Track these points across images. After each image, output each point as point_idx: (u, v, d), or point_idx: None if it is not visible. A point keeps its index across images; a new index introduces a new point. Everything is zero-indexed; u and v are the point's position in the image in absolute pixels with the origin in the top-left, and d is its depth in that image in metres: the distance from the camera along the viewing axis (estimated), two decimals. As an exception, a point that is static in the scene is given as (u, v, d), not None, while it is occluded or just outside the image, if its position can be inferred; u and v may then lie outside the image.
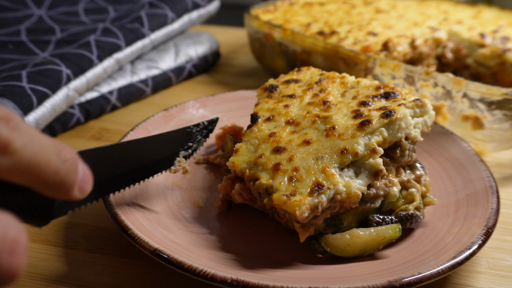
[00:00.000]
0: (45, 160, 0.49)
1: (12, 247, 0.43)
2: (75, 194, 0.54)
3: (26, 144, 0.47)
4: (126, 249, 0.81)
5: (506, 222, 0.91)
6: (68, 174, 0.52)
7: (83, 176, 0.55)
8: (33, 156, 0.48)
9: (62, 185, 0.52)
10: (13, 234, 0.43)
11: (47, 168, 0.50)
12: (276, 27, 1.30)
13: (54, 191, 0.52)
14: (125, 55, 1.28)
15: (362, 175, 0.76)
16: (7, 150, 0.46)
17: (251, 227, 0.82)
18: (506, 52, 1.26)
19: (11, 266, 0.43)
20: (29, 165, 0.48)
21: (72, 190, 0.54)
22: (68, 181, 0.53)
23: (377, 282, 0.65)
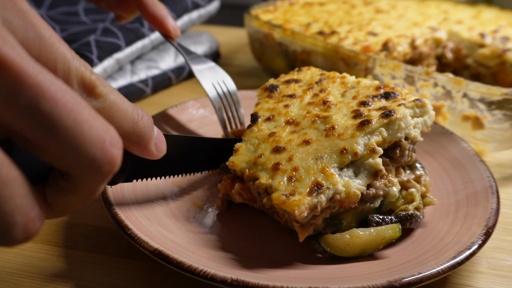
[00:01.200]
0: (125, 110, 0.55)
1: (113, 140, 0.49)
2: (152, 149, 0.61)
3: (108, 92, 0.53)
4: (126, 249, 0.81)
5: (506, 222, 0.91)
6: (144, 128, 0.58)
7: (158, 136, 0.63)
8: (114, 103, 0.54)
9: (140, 137, 0.58)
10: (114, 132, 0.50)
11: (126, 117, 0.56)
12: (276, 27, 1.30)
13: (133, 143, 0.58)
14: (125, 55, 1.28)
15: (361, 175, 0.76)
16: (93, 92, 0.52)
17: (251, 227, 0.82)
18: (506, 52, 1.26)
19: (112, 154, 0.49)
20: (112, 111, 0.54)
21: (149, 144, 0.60)
22: (146, 134, 0.59)
23: (377, 282, 0.65)
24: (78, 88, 0.51)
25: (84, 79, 0.51)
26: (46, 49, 0.49)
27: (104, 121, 0.50)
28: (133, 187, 0.86)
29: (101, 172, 0.49)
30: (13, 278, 0.75)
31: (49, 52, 0.49)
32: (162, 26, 1.01)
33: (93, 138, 0.48)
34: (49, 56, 0.49)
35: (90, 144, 0.48)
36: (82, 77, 0.51)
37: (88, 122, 0.47)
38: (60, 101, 0.46)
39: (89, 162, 0.48)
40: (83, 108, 0.48)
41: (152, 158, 0.63)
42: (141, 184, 0.88)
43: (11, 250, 0.81)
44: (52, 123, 0.46)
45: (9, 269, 0.77)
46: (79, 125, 0.47)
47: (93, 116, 0.48)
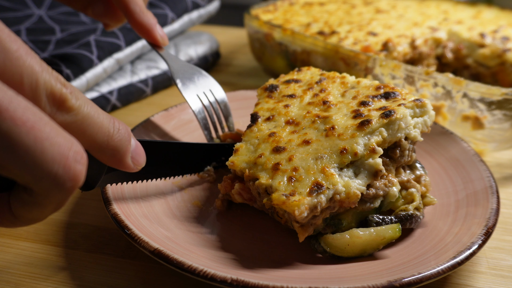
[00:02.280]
0: (99, 123, 0.54)
1: (76, 156, 0.49)
2: (128, 163, 0.60)
3: (81, 105, 0.52)
4: (126, 249, 0.81)
5: (506, 222, 0.91)
6: (121, 141, 0.57)
7: (136, 148, 0.61)
8: (88, 116, 0.53)
9: (115, 151, 0.57)
10: (78, 147, 0.49)
11: (100, 131, 0.54)
12: (276, 27, 1.30)
13: (108, 156, 0.57)
14: (125, 55, 1.28)
15: (361, 175, 0.76)
16: (64, 106, 0.51)
17: (251, 227, 0.82)
18: (506, 52, 1.26)
19: (75, 171, 0.49)
20: (84, 125, 0.53)
21: (125, 158, 0.59)
22: (122, 148, 0.58)
23: (377, 282, 0.65)
24: (48, 102, 0.50)
25: (54, 93, 0.50)
26: (11, 63, 0.47)
27: (68, 136, 0.49)
28: (133, 187, 0.86)
29: (64, 188, 0.49)
30: (13, 278, 0.75)
31: (14, 66, 0.47)
32: (150, 35, 0.98)
33: (54, 155, 0.47)
34: (14, 70, 0.47)
35: (51, 161, 0.47)
36: (52, 91, 0.50)
37: (49, 139, 0.47)
38: (19, 120, 0.45)
39: (51, 179, 0.48)
40: (44, 125, 0.47)
41: (128, 171, 0.62)
42: (141, 184, 0.88)
43: (11, 250, 0.81)
44: (10, 142, 0.45)
45: (9, 269, 0.77)
46: (39, 143, 0.46)
47: (55, 133, 0.47)
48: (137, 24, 0.96)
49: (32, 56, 0.49)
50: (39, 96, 0.49)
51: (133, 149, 0.60)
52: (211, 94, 1.02)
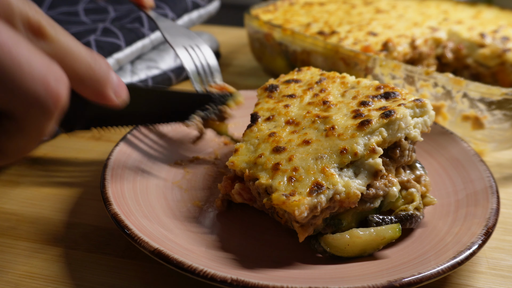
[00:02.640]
0: (78, 53, 0.53)
1: (56, 75, 0.48)
2: (110, 95, 0.58)
3: (59, 35, 0.51)
4: (126, 249, 0.81)
5: (506, 222, 0.91)
6: (101, 72, 0.56)
7: (117, 81, 0.59)
8: (66, 46, 0.52)
9: (95, 81, 0.55)
10: (57, 68, 0.49)
11: (79, 60, 0.53)
12: (276, 27, 1.30)
13: (88, 88, 0.56)
14: (125, 55, 1.28)
15: (361, 175, 0.76)
16: (40, 33, 0.50)
17: (251, 227, 0.82)
18: (506, 52, 1.26)
19: (57, 89, 0.48)
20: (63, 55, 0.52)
21: (106, 89, 0.57)
22: (102, 79, 0.56)
23: (377, 282, 0.65)
24: (24, 29, 0.49)
25: (30, 20, 0.49)
26: None
27: (47, 58, 0.48)
28: (133, 187, 0.86)
29: (46, 108, 0.48)
30: (13, 278, 0.75)
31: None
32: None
33: (34, 74, 0.46)
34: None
35: (31, 80, 0.46)
36: (28, 18, 0.49)
37: (27, 59, 0.46)
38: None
39: (32, 98, 0.47)
40: (21, 45, 0.46)
41: (112, 105, 0.59)
42: (141, 184, 0.88)
43: (11, 250, 0.81)
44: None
45: (9, 269, 0.77)
46: (16, 62, 0.45)
47: (33, 53, 0.47)
48: None
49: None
50: (15, 23, 0.48)
51: (114, 81, 0.59)
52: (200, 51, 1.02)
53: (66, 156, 1.06)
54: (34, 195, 0.94)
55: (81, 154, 1.07)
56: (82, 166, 1.03)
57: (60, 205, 0.91)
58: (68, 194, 0.94)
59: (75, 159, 1.06)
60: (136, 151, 0.95)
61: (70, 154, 1.07)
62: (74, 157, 1.06)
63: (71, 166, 1.03)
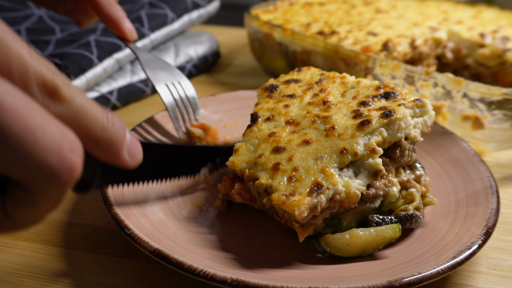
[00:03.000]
0: (93, 115, 0.51)
1: (71, 146, 0.46)
2: (124, 157, 0.56)
3: (74, 96, 0.49)
4: (126, 249, 0.81)
5: (506, 222, 0.91)
6: (115, 134, 0.54)
7: (131, 142, 0.57)
8: (81, 108, 0.50)
9: (110, 143, 0.54)
10: (72, 137, 0.47)
11: (94, 123, 0.52)
12: (276, 27, 1.30)
13: (103, 150, 0.54)
14: (125, 55, 1.28)
15: (361, 175, 0.76)
16: (56, 95, 0.48)
17: (251, 227, 0.82)
18: (506, 52, 1.26)
19: (71, 161, 0.46)
20: (78, 116, 0.50)
21: (121, 151, 0.55)
22: (117, 140, 0.54)
23: (377, 282, 0.65)
24: (39, 91, 0.47)
25: (45, 81, 0.47)
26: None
27: (61, 125, 0.47)
28: (133, 187, 0.86)
29: (60, 181, 0.46)
30: (13, 278, 0.75)
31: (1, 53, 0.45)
32: (118, 28, 0.97)
33: (48, 145, 0.44)
34: (1, 58, 0.45)
35: (44, 151, 0.44)
36: (43, 79, 0.47)
37: (41, 128, 0.44)
38: (7, 107, 0.42)
39: (46, 171, 0.45)
40: (35, 113, 0.44)
41: (125, 167, 0.58)
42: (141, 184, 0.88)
43: (11, 250, 0.81)
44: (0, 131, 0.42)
45: (9, 269, 0.77)
46: (30, 132, 0.43)
47: (48, 121, 0.45)
48: (105, 17, 0.95)
49: (21, 43, 0.46)
50: (30, 85, 0.46)
51: (129, 142, 0.57)
52: (180, 87, 1.02)
53: (66, 156, 1.06)
54: (34, 195, 0.94)
55: (81, 154, 1.07)
56: (82, 166, 1.03)
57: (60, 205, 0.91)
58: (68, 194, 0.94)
59: (75, 159, 1.05)
60: (136, 151, 0.95)
61: (70, 154, 1.07)
62: (74, 157, 1.06)
63: (71, 166, 1.03)
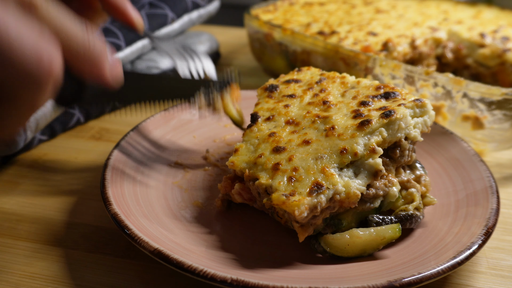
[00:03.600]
0: (72, 29, 0.52)
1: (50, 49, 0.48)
2: (107, 72, 0.58)
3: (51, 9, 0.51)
4: (126, 249, 0.81)
5: (506, 222, 0.91)
6: (95, 48, 0.55)
7: (112, 61, 0.59)
8: (60, 21, 0.51)
9: (92, 59, 0.55)
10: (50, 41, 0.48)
11: (74, 37, 0.53)
12: (276, 27, 1.30)
13: (84, 65, 0.55)
14: (125, 55, 1.28)
15: (361, 175, 0.76)
16: (32, 8, 0.49)
17: (251, 227, 0.82)
18: (506, 52, 1.26)
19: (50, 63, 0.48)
20: (57, 29, 0.51)
21: (103, 66, 0.57)
22: (98, 55, 0.56)
23: (377, 282, 0.65)
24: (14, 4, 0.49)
25: None
26: None
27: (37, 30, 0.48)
28: (133, 187, 0.86)
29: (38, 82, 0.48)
30: (13, 278, 0.75)
31: None
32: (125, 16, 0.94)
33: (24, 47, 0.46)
34: None
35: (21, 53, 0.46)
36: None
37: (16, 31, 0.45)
38: None
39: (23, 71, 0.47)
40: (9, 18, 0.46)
41: (107, 84, 0.59)
42: (141, 184, 0.88)
43: (11, 250, 0.81)
44: None
45: (9, 269, 0.77)
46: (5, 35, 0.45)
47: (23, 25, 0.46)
48: (110, 6, 0.93)
49: None
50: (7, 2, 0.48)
51: (110, 60, 0.58)
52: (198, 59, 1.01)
53: (66, 156, 1.06)
54: (34, 195, 0.94)
55: (81, 154, 1.07)
56: (82, 166, 1.03)
57: (60, 205, 0.91)
58: (68, 194, 0.94)
59: (75, 159, 1.06)
60: (136, 151, 0.95)
61: (70, 154, 1.07)
62: (74, 157, 1.06)
63: (71, 166, 1.03)
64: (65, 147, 1.09)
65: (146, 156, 0.95)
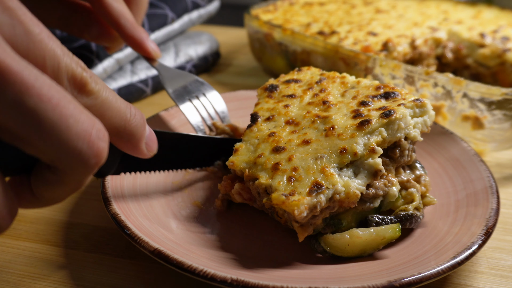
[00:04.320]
0: (117, 108, 0.56)
1: (99, 134, 0.51)
2: (143, 148, 0.62)
3: (100, 89, 0.54)
4: (126, 249, 0.81)
5: (506, 222, 0.91)
6: (137, 127, 0.59)
7: (149, 135, 0.63)
8: (106, 101, 0.55)
9: (131, 135, 0.59)
10: (100, 125, 0.51)
11: (118, 115, 0.56)
12: (276, 27, 1.30)
13: (124, 141, 0.59)
14: (125, 55, 1.28)
15: (361, 175, 0.76)
16: (84, 89, 0.52)
17: (251, 227, 0.82)
18: (506, 52, 1.26)
19: (98, 147, 0.51)
20: (103, 109, 0.55)
21: (140, 143, 0.61)
22: (137, 133, 0.60)
23: (377, 282, 0.65)
24: (69, 85, 0.51)
25: (75, 76, 0.51)
26: (34, 45, 0.49)
27: (90, 115, 0.51)
28: (133, 187, 0.86)
29: (88, 165, 0.51)
30: (13, 278, 0.75)
31: (37, 49, 0.49)
32: (142, 48, 1.01)
33: (79, 132, 0.49)
34: (37, 53, 0.49)
35: (76, 137, 0.49)
36: (73, 74, 0.51)
37: (73, 116, 0.48)
38: (45, 96, 0.47)
39: (76, 155, 0.49)
40: (68, 102, 0.48)
41: (142, 157, 0.63)
42: (141, 184, 0.88)
43: (11, 250, 0.81)
44: (37, 118, 0.46)
45: (9, 269, 0.77)
46: (64, 119, 0.48)
47: (79, 110, 0.49)
48: (129, 38, 0.99)
49: (54, 40, 0.50)
50: (61, 79, 0.51)
51: (147, 135, 0.63)
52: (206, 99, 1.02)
53: (66, 156, 1.06)
54: (34, 195, 0.94)
55: (81, 154, 1.07)
56: (82, 166, 1.03)
57: (60, 205, 0.91)
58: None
59: (75, 159, 1.05)
60: (136, 151, 0.95)
61: (70, 154, 1.07)
62: (74, 157, 1.06)
63: (71, 166, 1.03)
64: (65, 147, 1.09)
65: None
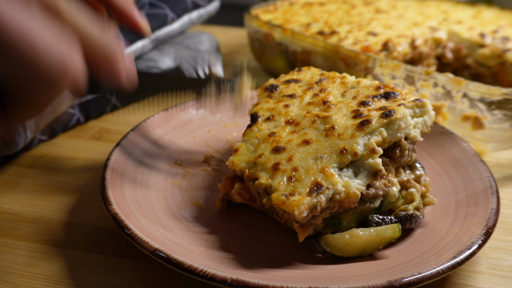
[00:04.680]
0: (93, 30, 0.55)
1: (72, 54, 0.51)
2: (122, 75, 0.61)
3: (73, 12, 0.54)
4: (126, 249, 0.81)
5: (506, 222, 0.91)
6: (113, 49, 0.58)
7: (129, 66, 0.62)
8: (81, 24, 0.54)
9: (108, 59, 0.58)
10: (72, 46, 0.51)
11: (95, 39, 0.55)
12: (276, 27, 1.30)
13: (101, 65, 0.58)
14: (125, 55, 1.28)
15: (361, 175, 0.76)
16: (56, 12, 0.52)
17: (251, 227, 0.82)
18: (506, 52, 1.26)
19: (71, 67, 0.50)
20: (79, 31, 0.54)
21: (119, 68, 0.60)
22: (114, 55, 0.58)
23: (377, 282, 0.65)
24: (39, 8, 0.51)
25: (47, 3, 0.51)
26: None
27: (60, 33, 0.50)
28: (133, 187, 0.86)
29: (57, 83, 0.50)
30: (13, 278, 0.75)
31: None
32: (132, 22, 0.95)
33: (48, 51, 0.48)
34: None
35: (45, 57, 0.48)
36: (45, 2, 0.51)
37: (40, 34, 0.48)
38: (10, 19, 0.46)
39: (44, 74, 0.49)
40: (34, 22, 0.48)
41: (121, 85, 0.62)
42: (141, 184, 0.88)
43: (11, 250, 0.81)
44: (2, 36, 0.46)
45: (9, 269, 0.77)
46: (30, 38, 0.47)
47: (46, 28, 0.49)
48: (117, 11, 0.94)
49: None
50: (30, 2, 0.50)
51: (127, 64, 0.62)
52: None
53: (66, 156, 1.06)
54: (34, 195, 0.94)
55: (81, 154, 1.07)
56: (82, 166, 1.03)
57: (60, 205, 0.91)
58: (68, 194, 0.94)
59: (75, 159, 1.06)
60: (136, 151, 0.95)
61: (70, 154, 1.07)
62: (74, 157, 1.06)
63: (71, 166, 1.03)
64: (65, 147, 1.09)
65: (146, 156, 0.95)
